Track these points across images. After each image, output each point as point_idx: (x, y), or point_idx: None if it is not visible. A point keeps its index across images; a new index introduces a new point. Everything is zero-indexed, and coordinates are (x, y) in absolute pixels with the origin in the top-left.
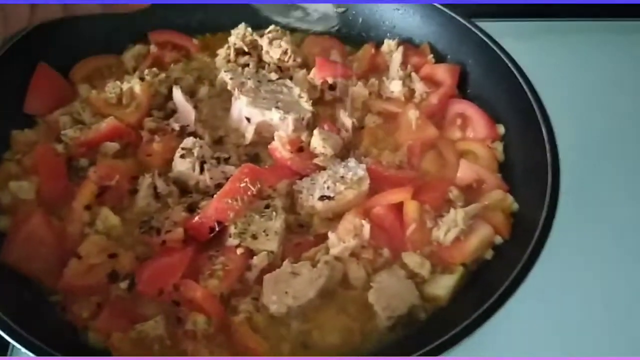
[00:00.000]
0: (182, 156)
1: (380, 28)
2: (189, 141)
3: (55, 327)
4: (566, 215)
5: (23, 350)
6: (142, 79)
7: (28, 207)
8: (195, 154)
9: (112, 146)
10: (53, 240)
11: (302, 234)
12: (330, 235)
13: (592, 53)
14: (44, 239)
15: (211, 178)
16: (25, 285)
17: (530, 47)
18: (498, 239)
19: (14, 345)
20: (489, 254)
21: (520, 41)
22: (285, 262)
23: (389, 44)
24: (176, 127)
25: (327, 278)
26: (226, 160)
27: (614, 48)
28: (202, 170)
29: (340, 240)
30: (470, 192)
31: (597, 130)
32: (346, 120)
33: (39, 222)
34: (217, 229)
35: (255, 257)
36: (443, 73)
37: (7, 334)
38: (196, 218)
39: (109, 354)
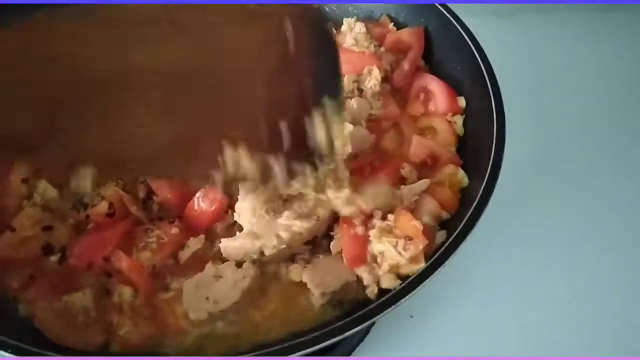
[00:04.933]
0: None
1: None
2: None
3: None
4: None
5: None
6: None
7: None
8: None
9: None
10: None
11: None
12: None
13: (567, 35)
14: None
15: None
16: None
17: (507, 24)
18: (445, 215)
19: None
20: None
21: (498, 19)
22: (208, 265)
23: (348, 22)
24: None
25: (253, 278)
26: None
27: (593, 31)
28: None
29: None
30: (426, 168)
31: (555, 116)
32: None
33: None
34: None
35: (191, 239)
36: (408, 36)
37: None
38: None
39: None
